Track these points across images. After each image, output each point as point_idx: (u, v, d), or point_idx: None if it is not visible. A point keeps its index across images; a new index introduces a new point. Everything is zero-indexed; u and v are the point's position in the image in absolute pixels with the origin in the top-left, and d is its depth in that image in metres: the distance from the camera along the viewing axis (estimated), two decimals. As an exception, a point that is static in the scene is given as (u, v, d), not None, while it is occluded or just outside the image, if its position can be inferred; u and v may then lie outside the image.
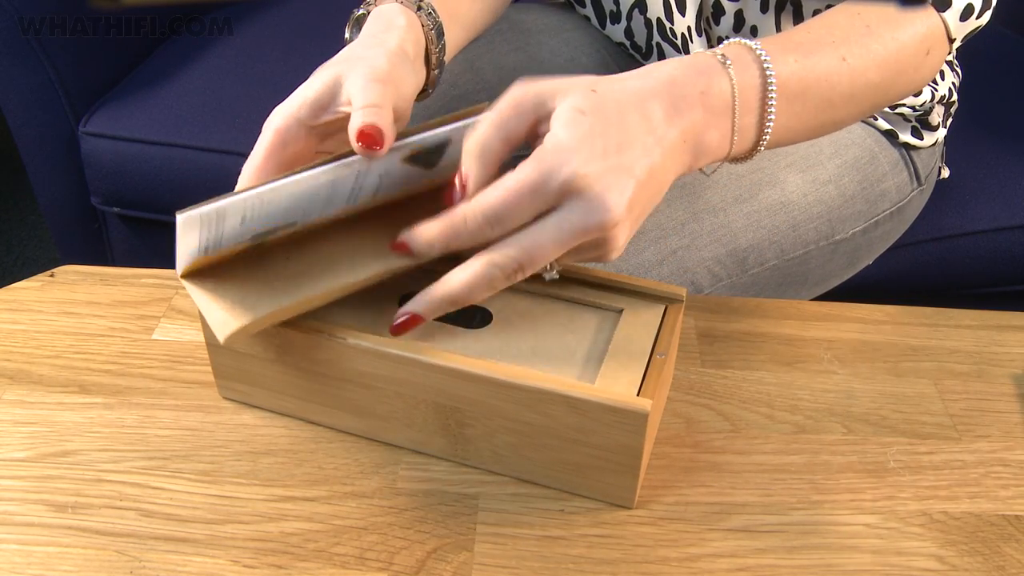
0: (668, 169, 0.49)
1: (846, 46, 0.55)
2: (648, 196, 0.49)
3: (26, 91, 1.14)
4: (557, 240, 0.46)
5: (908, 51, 0.58)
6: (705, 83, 0.50)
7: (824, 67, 0.54)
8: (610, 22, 0.88)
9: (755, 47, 0.51)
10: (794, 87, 0.53)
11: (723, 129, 0.50)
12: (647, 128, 0.48)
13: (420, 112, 0.82)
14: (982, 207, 1.03)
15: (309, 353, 0.52)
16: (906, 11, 0.58)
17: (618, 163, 0.47)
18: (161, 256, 1.25)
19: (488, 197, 0.46)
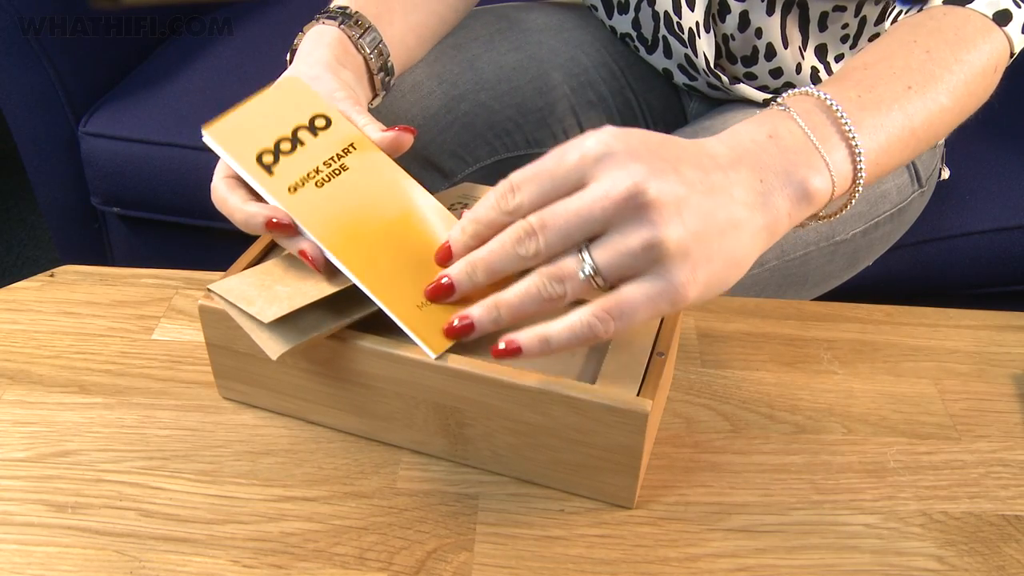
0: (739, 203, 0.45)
1: (909, 75, 0.53)
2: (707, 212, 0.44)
3: (26, 91, 1.14)
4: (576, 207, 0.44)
5: (976, 73, 0.56)
6: (771, 127, 0.47)
7: (892, 97, 0.52)
8: (618, 12, 0.88)
9: (813, 92, 0.50)
10: (870, 121, 0.50)
11: (816, 165, 0.47)
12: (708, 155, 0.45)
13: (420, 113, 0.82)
14: (982, 207, 1.03)
15: (309, 353, 0.52)
16: (964, 31, 0.57)
17: (657, 153, 0.44)
18: (161, 256, 1.25)
19: (515, 172, 0.46)
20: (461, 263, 0.48)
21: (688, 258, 0.43)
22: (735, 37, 0.79)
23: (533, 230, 0.44)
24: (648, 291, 0.43)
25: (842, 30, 0.79)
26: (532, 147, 0.88)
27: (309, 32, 0.61)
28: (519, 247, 0.45)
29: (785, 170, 0.46)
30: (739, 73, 0.83)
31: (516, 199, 0.46)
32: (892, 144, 0.51)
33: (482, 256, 0.47)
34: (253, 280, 0.52)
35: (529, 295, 0.45)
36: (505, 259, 0.46)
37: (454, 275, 0.48)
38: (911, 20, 0.59)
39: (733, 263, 0.45)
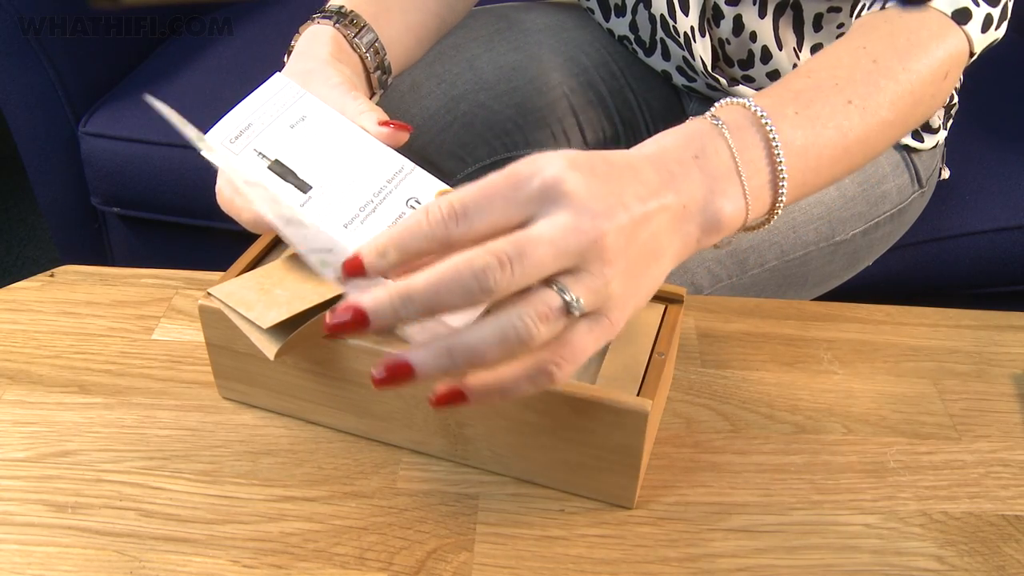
0: (664, 232, 0.43)
1: (851, 87, 0.52)
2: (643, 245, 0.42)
3: (26, 91, 1.14)
4: (549, 238, 0.39)
5: (925, 81, 0.55)
6: (698, 147, 0.46)
7: (829, 113, 0.50)
8: (615, 15, 0.88)
9: (750, 105, 0.48)
10: (800, 140, 0.49)
11: (734, 195, 0.46)
12: (642, 183, 0.43)
13: (419, 113, 0.82)
14: (982, 207, 1.03)
15: (309, 353, 0.52)
16: (919, 35, 0.56)
17: (607, 186, 0.41)
18: (161, 256, 1.25)
19: (455, 192, 0.40)
20: (384, 291, 0.39)
21: (626, 299, 0.42)
22: (730, 41, 0.79)
23: (507, 259, 0.38)
24: (596, 335, 0.42)
25: (837, 29, 0.79)
26: (531, 147, 0.88)
27: (305, 32, 0.61)
28: (481, 278, 0.38)
29: (704, 198, 0.45)
30: (737, 76, 0.83)
31: (464, 225, 0.40)
32: (821, 165, 0.50)
33: (421, 287, 0.38)
34: (252, 283, 0.52)
35: (503, 340, 0.39)
36: (456, 292, 0.38)
37: (370, 305, 0.39)
38: (869, 20, 0.58)
39: (651, 292, 0.44)
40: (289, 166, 0.51)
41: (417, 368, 0.40)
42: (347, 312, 0.39)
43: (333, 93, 0.55)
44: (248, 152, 0.52)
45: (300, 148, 0.52)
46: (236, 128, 0.52)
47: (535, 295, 0.40)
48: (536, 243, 0.39)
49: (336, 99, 0.55)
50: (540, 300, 0.40)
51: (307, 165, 0.52)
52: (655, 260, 0.43)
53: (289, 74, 0.57)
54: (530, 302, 0.40)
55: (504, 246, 0.39)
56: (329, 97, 0.55)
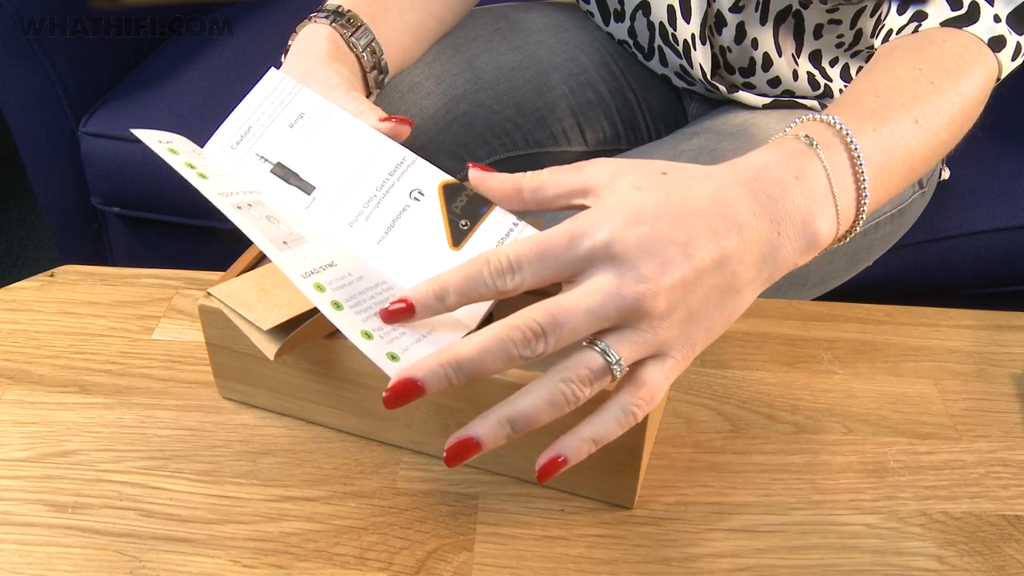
0: (747, 265, 0.44)
1: (916, 108, 0.52)
2: (712, 288, 0.43)
3: (26, 91, 1.14)
4: (587, 306, 0.41)
5: (971, 104, 0.56)
6: (798, 167, 0.46)
7: (901, 133, 0.51)
8: (614, 20, 0.88)
9: (834, 122, 0.49)
10: (879, 159, 0.50)
11: (829, 214, 0.47)
12: (721, 212, 0.43)
13: (418, 113, 0.82)
14: (982, 207, 1.03)
15: (309, 353, 0.52)
16: (964, 60, 0.57)
17: (669, 234, 0.42)
18: (161, 256, 1.25)
19: (515, 243, 0.42)
20: (435, 361, 0.41)
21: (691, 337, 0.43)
22: (731, 49, 0.79)
23: (542, 331, 0.40)
24: (666, 373, 0.43)
25: (837, 39, 0.79)
26: (531, 147, 0.88)
27: (302, 31, 0.62)
28: (521, 349, 0.40)
29: (804, 220, 0.46)
30: (738, 83, 0.83)
31: (516, 279, 0.42)
32: (892, 183, 0.52)
33: (467, 355, 0.41)
34: (252, 284, 0.52)
35: (553, 404, 0.41)
36: (500, 359, 0.41)
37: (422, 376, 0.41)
38: (911, 43, 0.58)
39: (727, 322, 0.45)
40: (292, 167, 0.51)
41: (484, 443, 0.42)
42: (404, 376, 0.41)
43: (333, 94, 0.55)
44: (250, 157, 0.52)
45: (301, 147, 0.52)
46: (237, 133, 0.52)
47: (576, 356, 0.42)
48: (571, 312, 0.41)
49: (336, 100, 0.55)
50: (581, 362, 0.42)
51: (309, 164, 0.51)
52: (732, 295, 0.44)
53: (286, 74, 0.57)
54: (570, 366, 0.42)
55: (539, 317, 0.41)
56: (328, 98, 0.55)
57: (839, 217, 0.47)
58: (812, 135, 0.48)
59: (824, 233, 0.47)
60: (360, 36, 0.62)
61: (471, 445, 0.42)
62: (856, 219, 0.49)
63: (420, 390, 0.41)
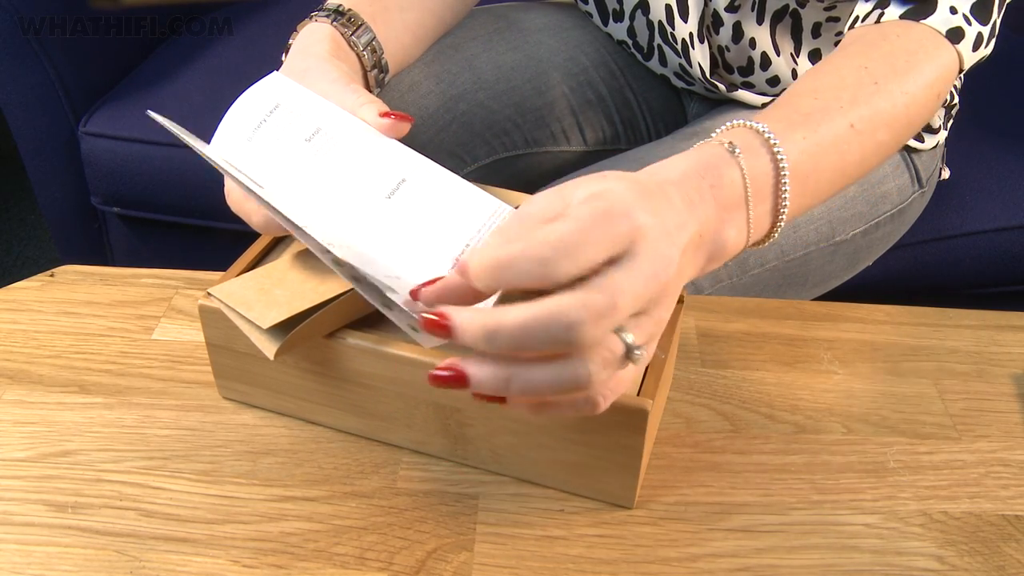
0: (687, 263, 0.44)
1: (855, 110, 0.52)
2: (677, 282, 0.43)
3: (26, 91, 1.14)
4: (634, 289, 0.39)
5: (918, 103, 0.56)
6: (715, 176, 0.46)
7: (833, 138, 0.51)
8: (613, 20, 0.88)
9: (762, 130, 0.48)
10: (805, 167, 0.49)
11: (739, 224, 0.47)
12: (675, 212, 0.43)
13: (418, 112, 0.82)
14: (982, 207, 1.03)
15: (309, 353, 0.52)
16: (916, 56, 0.56)
17: (666, 228, 0.42)
18: (161, 256, 1.25)
19: (556, 226, 0.39)
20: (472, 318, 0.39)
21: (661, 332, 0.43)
22: (729, 48, 0.79)
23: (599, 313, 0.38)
24: (638, 368, 0.43)
25: (835, 37, 0.79)
26: (531, 147, 0.88)
27: (302, 30, 0.62)
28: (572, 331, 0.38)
29: (715, 228, 0.45)
30: (736, 82, 0.83)
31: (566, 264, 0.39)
32: (819, 189, 0.51)
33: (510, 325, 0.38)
34: (253, 283, 0.52)
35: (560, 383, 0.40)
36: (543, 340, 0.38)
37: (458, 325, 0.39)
38: (866, 36, 0.58)
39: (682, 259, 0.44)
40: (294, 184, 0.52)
41: (472, 383, 0.40)
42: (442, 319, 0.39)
43: (332, 88, 0.55)
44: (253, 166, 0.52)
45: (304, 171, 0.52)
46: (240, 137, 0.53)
47: (603, 340, 0.40)
48: (625, 295, 0.39)
49: (335, 94, 0.55)
50: (607, 347, 0.40)
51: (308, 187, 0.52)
52: (675, 290, 0.44)
53: (287, 72, 0.57)
54: (598, 350, 0.40)
55: (598, 298, 0.38)
56: (328, 92, 0.55)
57: (751, 226, 0.47)
58: (736, 141, 0.47)
59: (731, 243, 0.47)
60: (360, 35, 0.62)
61: (460, 379, 0.40)
62: (773, 227, 0.49)
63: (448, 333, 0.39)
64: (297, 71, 0.57)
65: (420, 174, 0.52)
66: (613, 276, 0.39)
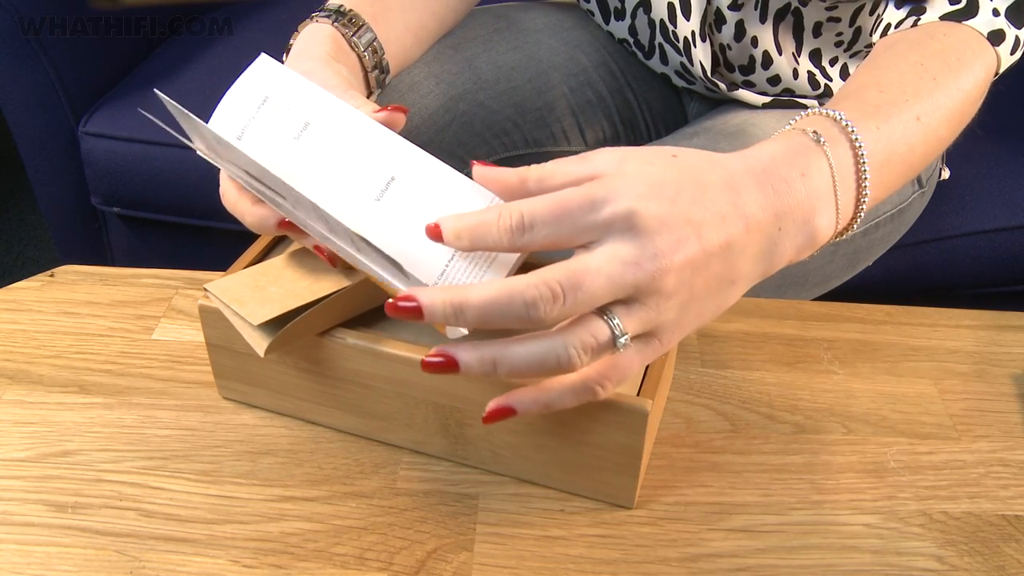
0: (747, 256, 0.44)
1: (919, 104, 0.52)
2: (714, 274, 0.43)
3: (26, 91, 1.14)
4: (608, 273, 0.40)
5: (970, 100, 0.56)
6: (804, 164, 0.46)
7: (903, 131, 0.51)
8: (614, 18, 0.88)
9: (840, 118, 0.48)
10: (881, 157, 0.49)
11: (829, 211, 0.47)
12: (731, 200, 0.43)
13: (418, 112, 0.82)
14: (982, 207, 1.03)
15: (309, 353, 0.52)
16: (965, 55, 0.56)
17: (686, 211, 0.41)
18: (161, 256, 1.25)
19: (532, 200, 0.41)
20: (441, 295, 0.41)
21: (683, 324, 0.44)
22: (732, 47, 0.79)
23: (561, 292, 0.40)
24: (644, 356, 0.43)
25: (836, 37, 0.79)
26: (531, 147, 0.88)
27: (303, 31, 0.62)
28: (532, 309, 0.40)
29: (804, 218, 0.46)
30: (738, 80, 0.83)
31: (527, 237, 0.41)
32: (891, 180, 0.52)
33: (474, 303, 0.40)
34: (248, 280, 0.52)
35: (544, 364, 0.41)
36: (506, 316, 0.40)
37: (427, 303, 0.41)
38: (912, 37, 0.58)
39: (716, 312, 0.45)
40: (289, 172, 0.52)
41: (462, 368, 0.42)
42: (408, 301, 0.41)
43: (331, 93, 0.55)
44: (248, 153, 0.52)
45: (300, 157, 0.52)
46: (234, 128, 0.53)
47: (585, 323, 0.41)
48: (593, 275, 0.40)
49: None
50: (588, 330, 0.41)
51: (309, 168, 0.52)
52: (728, 285, 0.44)
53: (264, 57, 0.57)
54: (577, 332, 0.41)
55: (560, 277, 0.40)
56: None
57: (839, 215, 0.47)
58: (819, 130, 0.47)
59: (823, 231, 0.47)
60: (361, 35, 0.62)
61: (449, 364, 0.42)
62: (855, 216, 0.49)
63: (419, 314, 0.41)
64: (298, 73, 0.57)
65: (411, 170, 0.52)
66: (586, 257, 0.41)
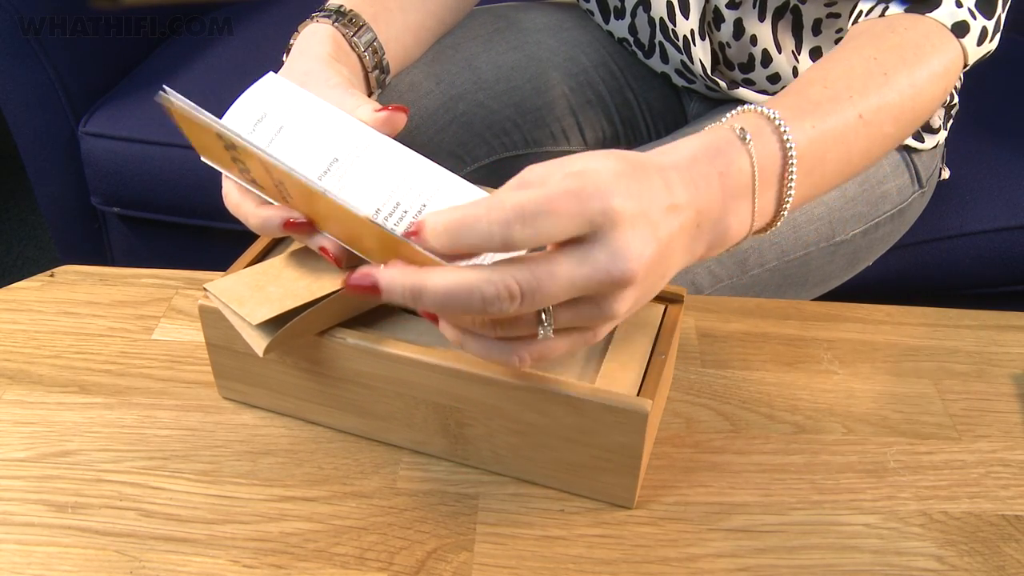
0: (677, 249, 0.44)
1: (864, 100, 0.52)
2: (659, 270, 0.43)
3: (26, 91, 1.14)
4: (572, 277, 0.40)
5: (926, 95, 0.56)
6: (724, 163, 0.45)
7: (842, 128, 0.51)
8: (614, 17, 0.88)
9: (773, 116, 0.47)
10: (812, 156, 0.49)
11: (743, 213, 0.46)
12: (668, 195, 0.43)
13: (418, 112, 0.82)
14: (982, 207, 1.03)
15: (309, 353, 0.52)
16: (923, 49, 0.56)
17: (646, 213, 0.41)
18: (161, 256, 1.25)
19: (521, 194, 0.40)
20: (401, 277, 0.41)
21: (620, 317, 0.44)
22: (731, 45, 0.79)
23: (520, 295, 0.39)
24: (573, 344, 0.44)
25: (836, 34, 0.79)
26: (531, 147, 0.88)
27: (304, 31, 0.62)
28: (488, 306, 0.40)
29: (717, 216, 0.45)
30: (737, 79, 0.83)
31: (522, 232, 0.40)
32: (824, 179, 0.51)
33: (431, 291, 0.40)
34: (248, 280, 0.52)
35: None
36: (461, 308, 0.40)
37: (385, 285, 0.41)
38: (873, 29, 0.58)
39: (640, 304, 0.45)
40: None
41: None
42: (365, 279, 0.41)
43: (332, 93, 0.55)
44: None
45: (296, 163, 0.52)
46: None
47: None
48: (556, 281, 0.40)
49: (335, 98, 0.55)
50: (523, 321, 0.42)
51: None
52: (662, 278, 0.44)
53: (287, 74, 0.57)
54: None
55: (522, 279, 0.39)
56: (327, 97, 0.55)
57: (755, 216, 0.47)
58: (748, 129, 0.47)
59: (734, 231, 0.46)
60: (361, 35, 0.62)
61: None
62: (776, 216, 0.49)
63: (377, 294, 0.41)
64: (298, 73, 0.57)
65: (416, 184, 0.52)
66: (555, 259, 0.40)
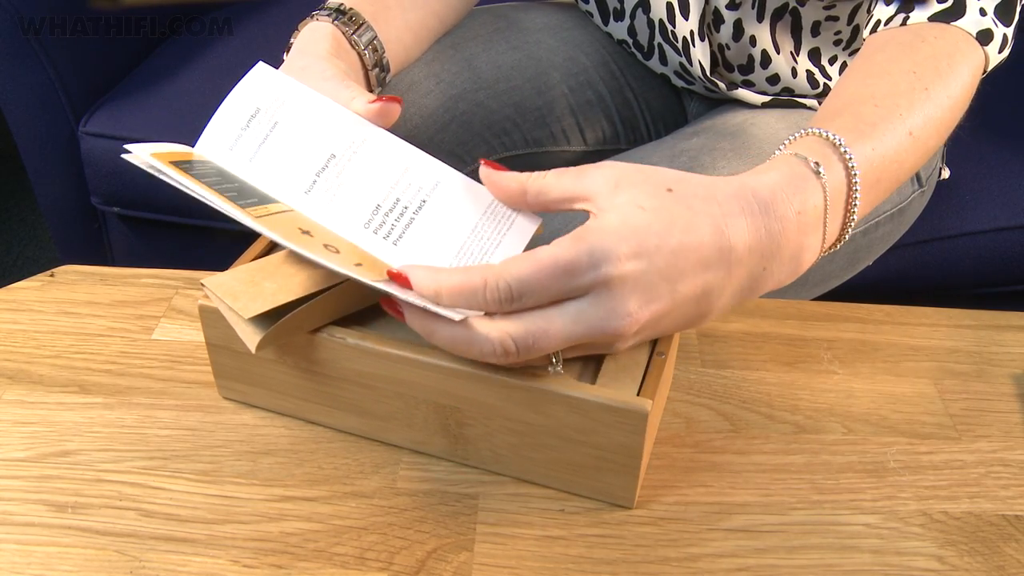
0: (724, 292, 0.45)
1: (912, 118, 0.52)
2: (682, 314, 0.45)
3: (26, 91, 1.14)
4: (566, 334, 0.43)
5: (958, 106, 0.57)
6: (801, 200, 0.46)
7: (895, 148, 0.51)
8: (613, 19, 0.88)
9: (838, 143, 0.48)
10: (872, 178, 0.50)
11: (814, 245, 0.48)
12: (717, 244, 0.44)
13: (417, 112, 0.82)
14: (982, 207, 1.03)
15: (309, 353, 0.52)
16: (955, 59, 0.56)
17: (663, 269, 0.43)
18: (161, 256, 1.25)
19: (518, 267, 0.43)
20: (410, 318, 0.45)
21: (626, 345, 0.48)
22: (730, 46, 0.79)
23: (515, 351, 0.43)
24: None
25: (834, 36, 0.79)
26: (531, 146, 0.88)
27: (304, 29, 0.62)
28: (491, 357, 0.44)
29: (793, 256, 0.47)
30: (737, 80, 0.83)
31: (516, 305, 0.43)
32: (878, 197, 0.53)
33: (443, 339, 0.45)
34: (244, 276, 0.52)
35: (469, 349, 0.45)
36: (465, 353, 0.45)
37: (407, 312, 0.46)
38: (903, 39, 0.58)
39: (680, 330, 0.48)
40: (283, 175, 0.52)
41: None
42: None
43: (326, 85, 0.55)
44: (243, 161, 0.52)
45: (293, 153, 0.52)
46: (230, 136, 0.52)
47: None
48: (551, 337, 0.43)
49: (329, 90, 0.55)
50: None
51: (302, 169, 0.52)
52: (698, 318, 0.47)
53: (286, 71, 0.57)
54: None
55: (518, 336, 0.43)
56: (322, 89, 0.55)
57: (824, 243, 0.49)
58: (819, 160, 0.48)
59: (807, 262, 0.48)
60: (362, 34, 0.62)
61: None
62: (840, 237, 0.50)
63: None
64: (296, 69, 0.57)
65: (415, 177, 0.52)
66: (550, 317, 0.43)
